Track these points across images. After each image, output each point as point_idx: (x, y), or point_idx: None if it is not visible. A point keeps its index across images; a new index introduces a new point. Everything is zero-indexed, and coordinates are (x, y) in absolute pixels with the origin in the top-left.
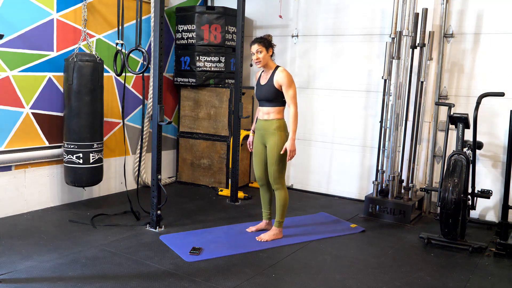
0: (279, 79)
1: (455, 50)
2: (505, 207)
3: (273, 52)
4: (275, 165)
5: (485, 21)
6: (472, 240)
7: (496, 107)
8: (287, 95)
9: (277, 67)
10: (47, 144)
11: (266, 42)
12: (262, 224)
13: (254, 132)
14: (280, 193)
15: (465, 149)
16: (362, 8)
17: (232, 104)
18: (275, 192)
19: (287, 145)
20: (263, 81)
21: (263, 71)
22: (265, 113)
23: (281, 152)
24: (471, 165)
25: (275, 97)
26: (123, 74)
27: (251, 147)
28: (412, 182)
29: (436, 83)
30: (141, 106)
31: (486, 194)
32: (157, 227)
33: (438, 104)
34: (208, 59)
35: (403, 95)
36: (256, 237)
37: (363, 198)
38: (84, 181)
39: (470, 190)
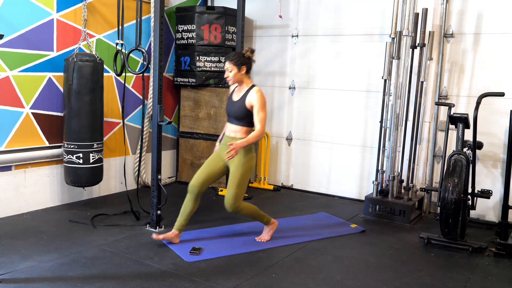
0: (252, 99)
1: (455, 50)
2: (505, 207)
3: (248, 69)
4: (236, 188)
5: (485, 21)
6: (472, 240)
7: (496, 107)
8: (257, 116)
9: (252, 86)
10: (47, 144)
11: (239, 61)
12: (170, 234)
13: (220, 141)
14: (241, 213)
15: (465, 149)
16: (362, 8)
17: None
18: (238, 215)
19: (237, 142)
20: (235, 98)
21: (236, 86)
22: (232, 130)
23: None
24: (471, 165)
25: (245, 117)
26: (123, 74)
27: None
28: (412, 182)
29: (436, 83)
30: (141, 106)
31: (486, 194)
32: (157, 227)
33: (438, 104)
34: (208, 59)
35: (403, 95)
36: (256, 238)
37: (363, 198)
38: (84, 181)
39: (470, 190)
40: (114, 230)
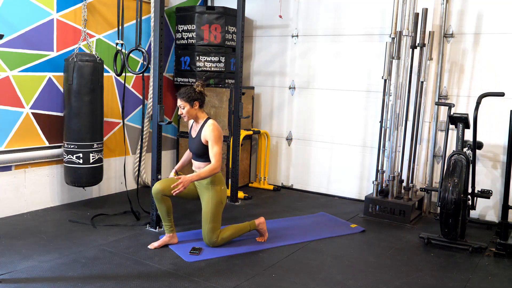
0: (206, 134)
1: (455, 50)
2: (505, 207)
3: (201, 104)
4: (210, 222)
5: (485, 21)
6: (472, 240)
7: (496, 107)
8: (212, 151)
9: (207, 119)
10: (47, 144)
11: (190, 97)
12: (166, 238)
13: (176, 172)
14: (224, 240)
15: (465, 149)
16: (362, 8)
17: (232, 104)
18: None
19: (186, 176)
20: (193, 134)
21: (194, 121)
22: (196, 167)
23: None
24: (471, 165)
25: (204, 153)
26: (123, 74)
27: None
28: (412, 182)
29: (436, 83)
30: (141, 106)
31: (486, 194)
32: (157, 227)
33: (438, 104)
34: (208, 59)
35: (403, 95)
36: (256, 238)
37: (363, 198)
38: (84, 181)
39: (470, 190)
40: (114, 230)
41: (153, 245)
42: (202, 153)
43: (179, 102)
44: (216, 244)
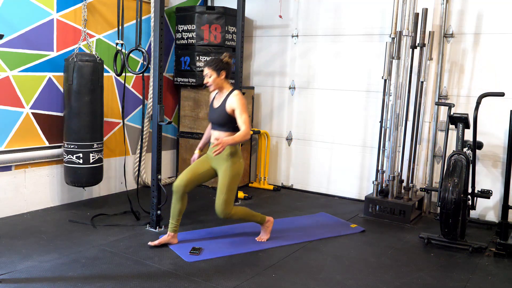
0: (232, 103)
1: (455, 50)
2: (505, 207)
3: (227, 74)
4: (225, 194)
5: (485, 21)
6: (472, 240)
7: (496, 107)
8: (241, 118)
9: (232, 90)
10: (47, 144)
11: (217, 66)
12: (166, 237)
13: (201, 150)
14: (235, 218)
15: (465, 149)
16: (362, 8)
17: None
18: (231, 219)
19: (223, 138)
20: (216, 104)
21: (217, 92)
22: (216, 138)
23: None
24: (471, 165)
25: (227, 122)
26: (123, 74)
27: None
28: (412, 182)
29: (436, 83)
30: (141, 106)
31: (486, 194)
32: (157, 227)
33: (438, 104)
34: (208, 59)
35: (403, 95)
36: (256, 238)
37: (363, 198)
38: (84, 181)
39: (470, 190)
40: (114, 230)
41: (153, 243)
42: (224, 122)
43: (206, 71)
44: (229, 216)
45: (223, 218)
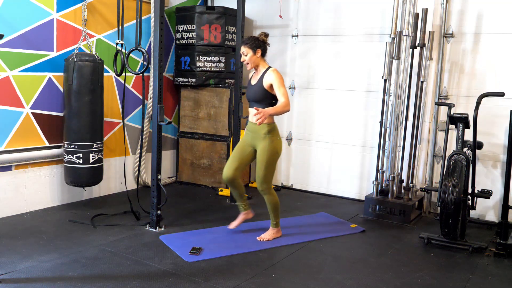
0: (269, 78)
1: (455, 50)
2: (505, 207)
3: (263, 52)
4: (264, 170)
5: (485, 21)
6: (472, 240)
7: (496, 107)
8: (279, 91)
9: (269, 67)
10: (47, 144)
11: (254, 44)
12: (242, 216)
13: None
14: (268, 197)
15: (465, 149)
16: (362, 8)
17: (232, 104)
18: (263, 196)
19: (264, 109)
20: (253, 81)
21: (254, 72)
22: (254, 114)
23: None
24: (471, 165)
25: (264, 98)
26: (123, 74)
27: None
28: (412, 182)
29: (436, 83)
30: (141, 106)
31: (486, 194)
32: (157, 227)
33: (438, 104)
34: (208, 59)
35: (403, 95)
36: (257, 237)
37: (363, 198)
38: (84, 181)
39: (470, 190)
40: (114, 230)
41: (232, 224)
42: (261, 99)
43: (243, 49)
44: (265, 192)
45: (262, 192)
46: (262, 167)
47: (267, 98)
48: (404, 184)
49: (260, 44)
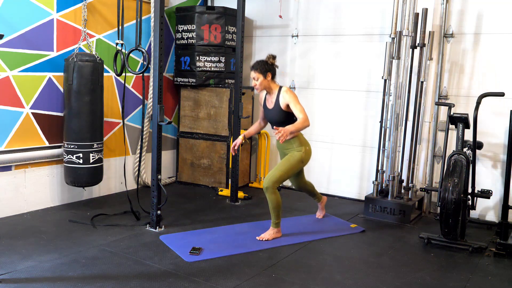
0: (284, 99)
1: (455, 50)
2: (505, 207)
3: (273, 75)
4: (281, 171)
5: (485, 21)
6: (472, 240)
7: (496, 107)
8: (296, 109)
9: (280, 88)
10: (47, 144)
11: (263, 68)
12: (320, 205)
13: (245, 137)
14: (271, 196)
15: (465, 149)
16: (362, 8)
17: (232, 104)
18: (266, 194)
19: (284, 128)
20: (270, 105)
21: (267, 93)
22: (275, 127)
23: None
24: (471, 165)
25: (286, 119)
26: (123, 74)
27: (235, 148)
28: (412, 182)
29: (436, 83)
30: (141, 106)
31: (486, 194)
32: (157, 227)
33: (438, 104)
34: (208, 59)
35: (403, 95)
36: (257, 237)
37: (363, 198)
38: (84, 181)
39: (470, 190)
40: (114, 230)
41: (319, 215)
42: (284, 120)
43: (253, 74)
44: (270, 191)
45: (266, 187)
46: (282, 168)
47: (289, 118)
48: (404, 184)
49: (269, 68)
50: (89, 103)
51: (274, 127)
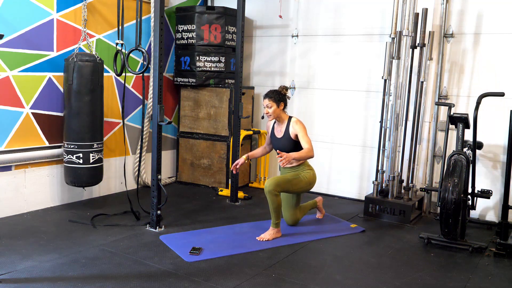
0: (295, 130)
1: (455, 50)
2: (505, 207)
3: (285, 105)
4: (287, 181)
5: (485, 21)
6: (472, 240)
7: (496, 107)
8: (303, 140)
9: (290, 118)
10: (47, 144)
11: (277, 97)
12: (317, 209)
13: (248, 157)
14: (273, 198)
15: (465, 149)
16: (362, 8)
17: (232, 104)
18: (267, 196)
19: (288, 154)
20: (278, 134)
21: (275, 122)
22: (278, 151)
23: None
24: (471, 165)
25: (293, 148)
26: (123, 74)
27: (237, 167)
28: (412, 182)
29: (436, 83)
30: (141, 106)
31: (486, 194)
32: (157, 227)
33: (438, 104)
34: (208, 59)
35: (403, 95)
36: (257, 237)
37: (363, 198)
38: (84, 181)
39: (470, 190)
40: (114, 230)
41: (320, 215)
42: (291, 149)
43: (267, 102)
44: (272, 194)
45: (268, 189)
46: (289, 178)
47: (298, 147)
48: (404, 184)
49: (283, 98)
50: (89, 103)
51: (278, 151)
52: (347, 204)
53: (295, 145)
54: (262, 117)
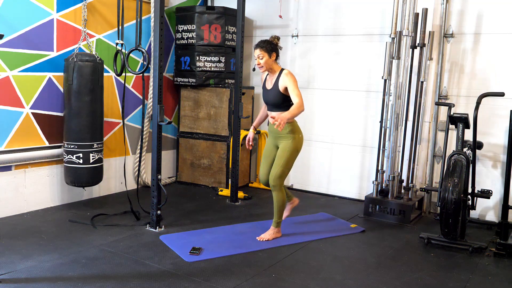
0: (284, 81)
1: (455, 50)
2: (505, 207)
3: (277, 56)
4: (282, 166)
5: (485, 21)
6: (472, 240)
7: (496, 107)
8: (293, 93)
9: (282, 70)
10: (47, 144)
11: (269, 47)
12: (289, 206)
13: (255, 129)
14: (277, 194)
15: (465, 149)
16: (362, 8)
17: (232, 104)
18: (273, 193)
19: (280, 115)
20: (268, 86)
21: (268, 74)
22: (272, 116)
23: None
24: (471, 165)
25: (283, 102)
26: (123, 74)
27: (250, 143)
28: (412, 182)
29: (436, 83)
30: (141, 106)
31: (486, 194)
32: (157, 227)
33: (438, 104)
34: (208, 59)
35: (403, 95)
36: (257, 237)
37: (363, 198)
38: (84, 181)
39: (470, 190)
40: (114, 230)
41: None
42: (280, 103)
43: (258, 52)
44: (276, 189)
45: (272, 187)
46: (280, 163)
47: (286, 102)
48: (404, 184)
49: (275, 48)
50: (89, 103)
51: (271, 116)
52: (347, 204)
53: (284, 98)
54: (254, 69)
